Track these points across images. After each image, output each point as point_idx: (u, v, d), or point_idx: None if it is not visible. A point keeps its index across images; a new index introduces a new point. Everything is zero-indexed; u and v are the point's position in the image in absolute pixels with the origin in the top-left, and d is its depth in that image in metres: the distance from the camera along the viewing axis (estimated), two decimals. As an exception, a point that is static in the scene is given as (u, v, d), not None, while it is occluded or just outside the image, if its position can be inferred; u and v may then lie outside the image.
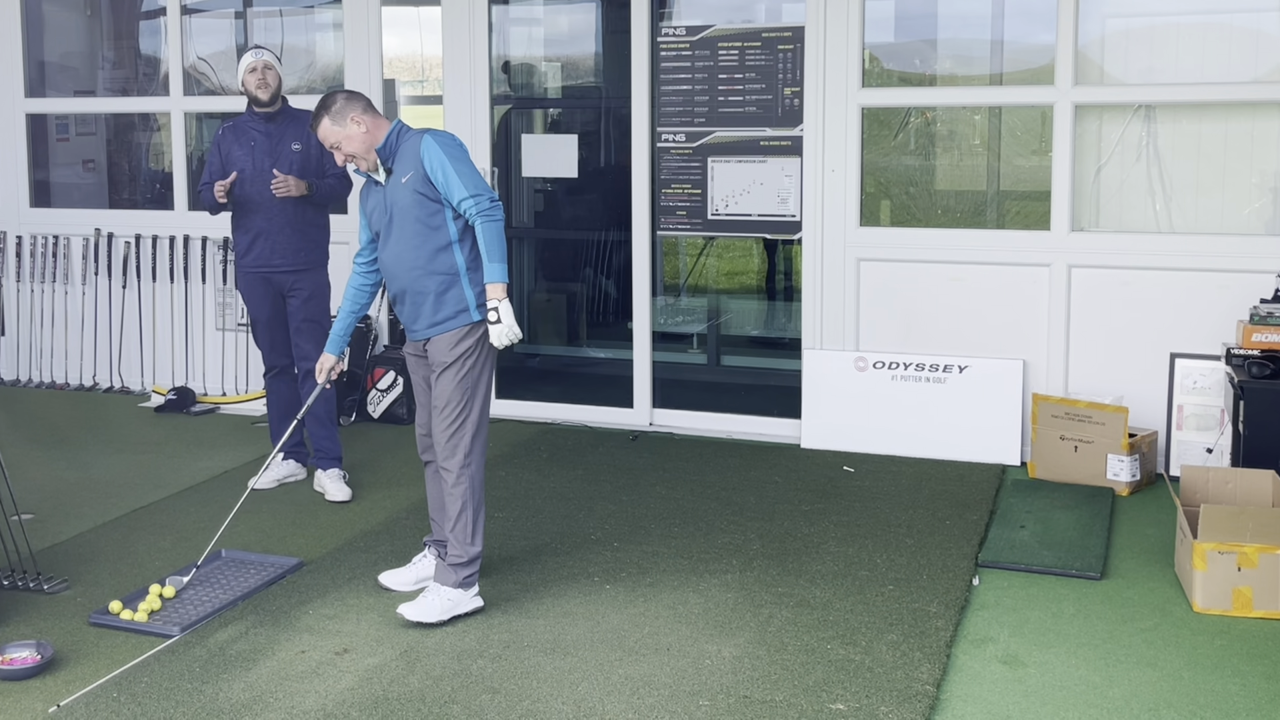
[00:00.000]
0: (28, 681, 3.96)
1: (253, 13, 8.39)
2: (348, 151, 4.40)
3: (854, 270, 6.45)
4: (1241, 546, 4.37)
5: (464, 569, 4.36)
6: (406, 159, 4.37)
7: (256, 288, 5.76)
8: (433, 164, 4.31)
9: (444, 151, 4.32)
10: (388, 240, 4.45)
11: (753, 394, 7.35)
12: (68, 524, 5.43)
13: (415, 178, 4.34)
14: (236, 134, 5.74)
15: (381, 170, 4.45)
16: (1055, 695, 3.82)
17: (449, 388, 4.38)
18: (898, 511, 5.47)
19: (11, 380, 8.11)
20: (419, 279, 4.38)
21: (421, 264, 4.37)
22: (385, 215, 4.44)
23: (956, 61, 6.87)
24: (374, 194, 4.51)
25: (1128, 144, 6.19)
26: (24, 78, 7.99)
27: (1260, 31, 6.01)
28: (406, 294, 4.43)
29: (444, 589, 4.35)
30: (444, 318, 4.39)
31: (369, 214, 4.54)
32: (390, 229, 4.42)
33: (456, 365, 4.37)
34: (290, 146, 5.70)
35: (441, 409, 4.39)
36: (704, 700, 3.78)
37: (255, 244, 5.71)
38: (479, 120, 7.03)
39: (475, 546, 4.38)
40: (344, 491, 5.72)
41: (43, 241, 8.00)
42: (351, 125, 4.37)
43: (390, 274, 4.47)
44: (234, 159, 5.69)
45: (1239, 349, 5.42)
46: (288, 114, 5.77)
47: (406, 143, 4.40)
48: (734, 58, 6.56)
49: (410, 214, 4.36)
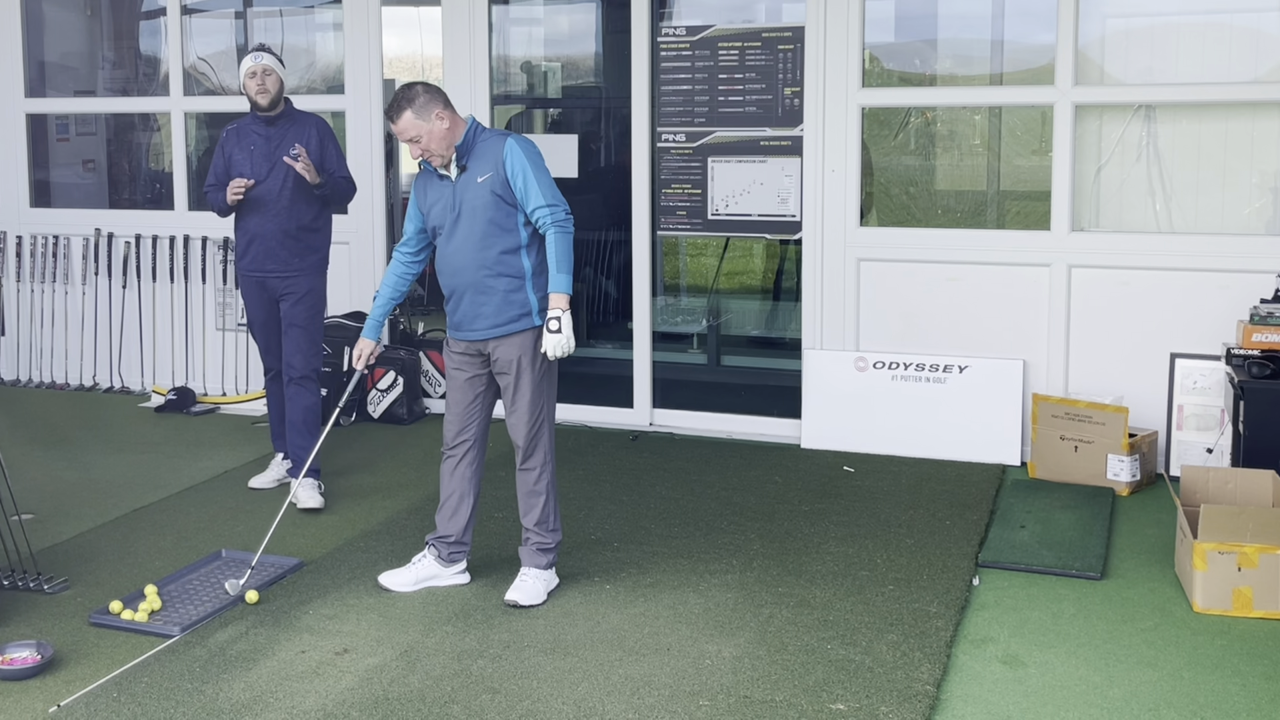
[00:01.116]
0: (28, 681, 3.96)
1: (253, 13, 8.39)
2: (426, 146, 4.40)
3: (854, 270, 6.45)
4: (1241, 546, 4.37)
5: (551, 553, 4.60)
6: (485, 159, 4.41)
7: (252, 290, 5.73)
8: (514, 168, 4.37)
9: (526, 158, 4.39)
10: (452, 236, 4.47)
11: (753, 394, 7.35)
12: (68, 524, 5.43)
13: (494, 179, 4.39)
14: (238, 136, 5.68)
15: (454, 167, 4.46)
16: (1055, 695, 3.82)
17: (529, 392, 4.49)
18: (898, 511, 5.47)
19: (11, 380, 8.11)
20: (486, 278, 4.43)
21: (489, 264, 4.42)
22: (452, 212, 4.46)
23: (956, 61, 6.88)
24: (437, 188, 4.51)
25: (1128, 144, 6.19)
26: (24, 78, 7.99)
27: (1260, 31, 6.01)
28: (468, 292, 4.46)
29: (539, 572, 4.58)
30: (508, 320, 4.45)
31: (428, 208, 4.54)
32: (457, 226, 4.45)
33: (533, 369, 4.48)
34: (291, 150, 5.61)
35: (523, 411, 4.50)
36: (704, 700, 3.78)
37: (251, 247, 5.66)
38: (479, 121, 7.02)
39: (558, 533, 4.64)
40: (316, 499, 5.59)
41: (43, 241, 8.00)
42: (435, 120, 4.38)
43: (451, 270, 4.49)
44: (235, 162, 5.64)
45: (1239, 349, 5.42)
46: (289, 116, 5.68)
47: (485, 142, 4.45)
48: (734, 58, 6.57)
49: (484, 214, 4.40)
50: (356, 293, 7.42)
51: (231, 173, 5.63)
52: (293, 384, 5.68)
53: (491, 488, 5.75)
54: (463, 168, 4.45)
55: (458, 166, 4.46)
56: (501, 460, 6.22)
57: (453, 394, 4.63)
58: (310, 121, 5.71)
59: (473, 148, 4.44)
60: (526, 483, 4.59)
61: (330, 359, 7.09)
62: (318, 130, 5.69)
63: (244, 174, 5.59)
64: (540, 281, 4.47)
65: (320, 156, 5.65)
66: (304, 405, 5.68)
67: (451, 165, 4.46)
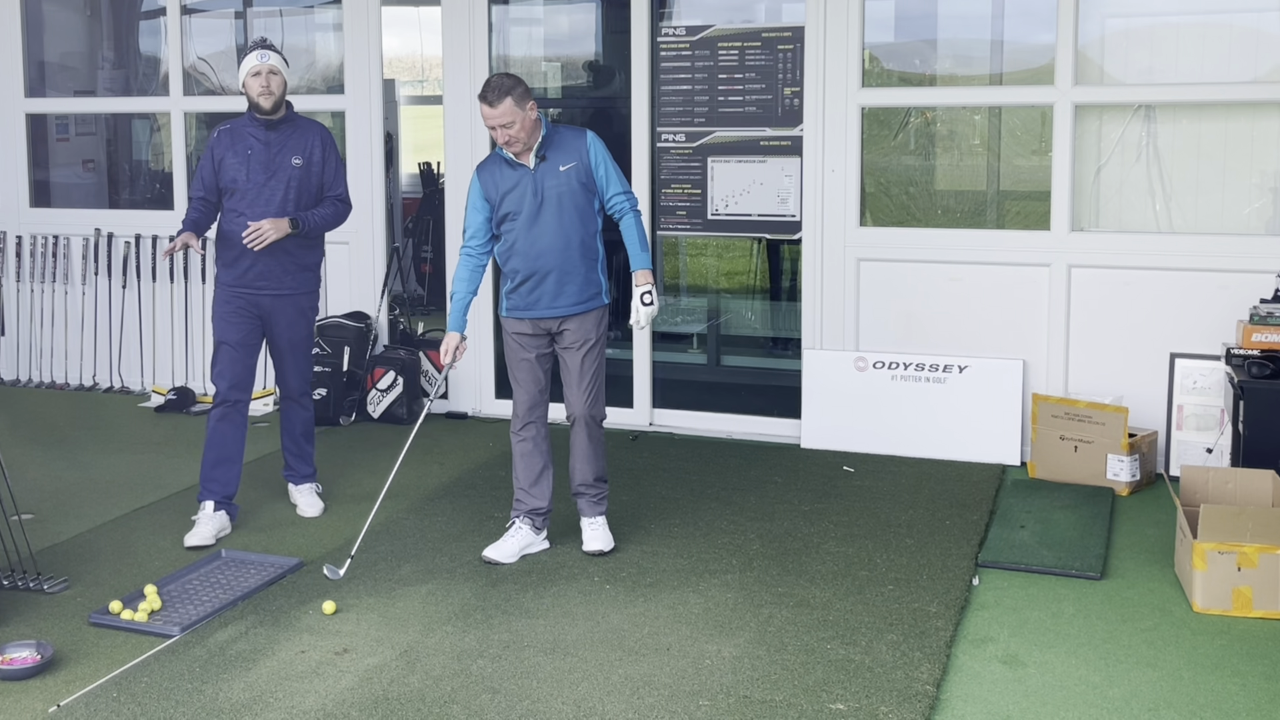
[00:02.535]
0: (28, 681, 3.96)
1: (253, 13, 8.40)
2: (516, 134, 4.70)
3: (854, 270, 6.45)
4: (1241, 546, 4.37)
5: (606, 500, 5.09)
6: (567, 150, 4.81)
7: (238, 308, 5.24)
8: (597, 159, 4.83)
9: (605, 151, 4.88)
10: (535, 222, 4.79)
11: (753, 394, 7.35)
12: (68, 524, 5.43)
13: (578, 168, 4.80)
14: (233, 140, 5.21)
15: (532, 157, 4.76)
16: (1055, 695, 3.82)
17: (595, 361, 4.92)
18: (898, 511, 5.47)
19: (11, 380, 8.11)
20: (572, 260, 4.82)
21: (576, 246, 4.82)
22: (534, 199, 4.78)
23: (956, 61, 6.88)
24: (510, 177, 4.80)
25: (1128, 144, 6.19)
26: (24, 78, 8.00)
27: (1260, 31, 6.01)
28: (552, 273, 4.81)
29: (604, 519, 5.04)
30: (588, 297, 4.88)
31: (499, 196, 4.80)
32: (540, 212, 4.78)
33: (600, 342, 4.93)
34: (290, 160, 5.21)
35: (588, 378, 4.91)
36: (704, 700, 3.78)
37: (238, 262, 5.21)
38: (479, 120, 7.02)
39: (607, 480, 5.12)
40: (317, 506, 5.55)
41: (43, 241, 8.00)
42: (529, 111, 4.71)
43: (536, 253, 4.80)
44: (227, 167, 5.19)
45: (1239, 349, 5.42)
46: (291, 122, 5.26)
47: (563, 136, 4.84)
48: (734, 58, 6.57)
49: (571, 201, 4.80)
50: (356, 293, 7.42)
51: (222, 179, 5.21)
52: (292, 402, 5.49)
53: (489, 488, 5.76)
54: (542, 158, 4.78)
55: (536, 157, 4.78)
56: (501, 460, 6.22)
57: (522, 374, 4.94)
58: (314, 130, 5.32)
59: (553, 140, 4.81)
60: (589, 445, 4.96)
61: (330, 359, 7.10)
62: (321, 140, 5.31)
63: (238, 181, 5.18)
64: (605, 264, 4.94)
65: (320, 170, 5.30)
66: (304, 419, 5.54)
67: (530, 155, 4.76)
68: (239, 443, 5.33)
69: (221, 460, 5.29)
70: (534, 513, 4.97)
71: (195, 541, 5.13)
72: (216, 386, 5.31)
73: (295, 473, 5.61)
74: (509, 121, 4.65)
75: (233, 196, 5.22)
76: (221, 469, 5.29)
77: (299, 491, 5.61)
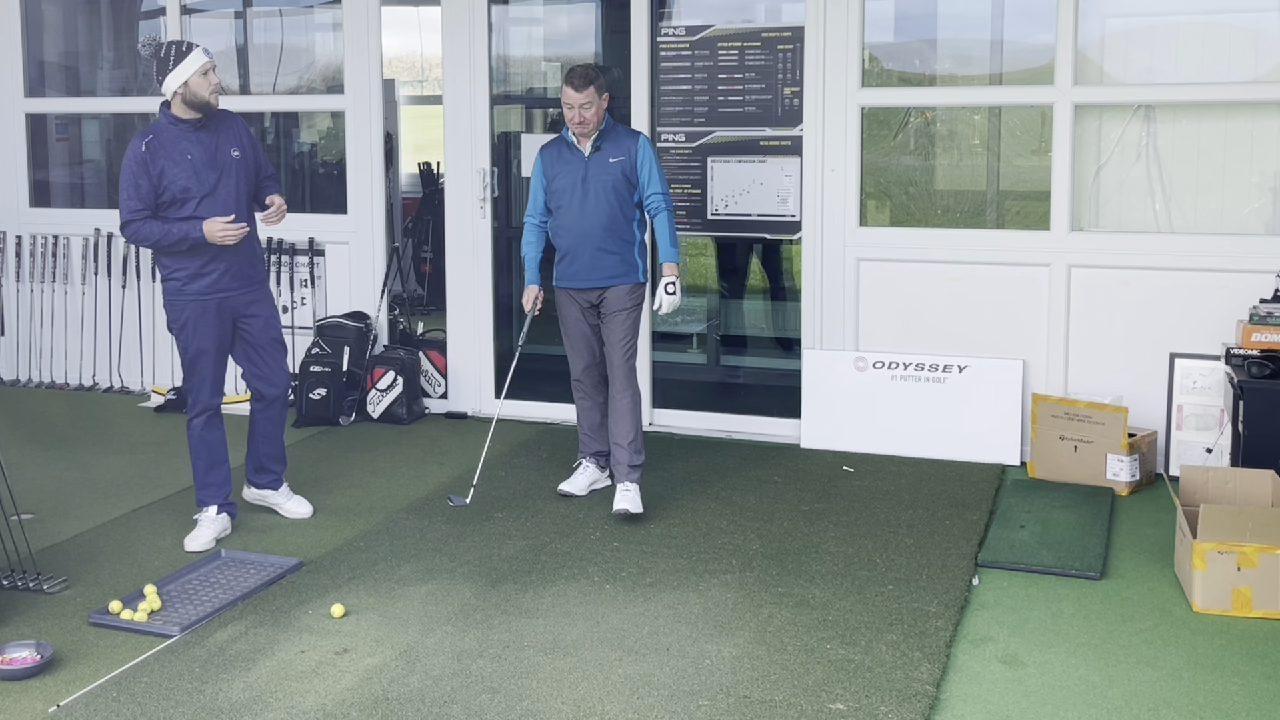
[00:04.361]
0: (28, 681, 3.96)
1: (253, 13, 8.39)
2: (589, 116, 5.34)
3: (854, 270, 6.45)
4: (1241, 546, 4.37)
5: (640, 469, 5.55)
6: (620, 145, 5.44)
7: (209, 316, 5.13)
8: (643, 158, 5.44)
9: (653, 153, 5.49)
10: (581, 203, 5.43)
11: (753, 394, 7.35)
12: (68, 524, 5.43)
13: (625, 163, 5.42)
14: (164, 148, 5.00)
15: (589, 144, 5.41)
16: (1055, 695, 3.82)
17: (630, 326, 5.54)
18: (898, 511, 5.47)
19: (11, 380, 8.11)
20: (611, 239, 5.45)
21: (616, 229, 5.45)
22: (582, 183, 5.43)
23: (956, 61, 6.87)
24: (567, 160, 5.47)
25: (1127, 144, 6.19)
26: (24, 78, 8.00)
27: (1260, 31, 6.01)
28: (589, 250, 5.45)
29: (636, 485, 5.47)
30: (622, 273, 5.50)
31: (553, 175, 5.49)
32: (586, 195, 5.42)
33: (635, 310, 5.54)
34: (230, 154, 5.11)
35: (623, 342, 5.52)
36: (704, 700, 3.78)
37: (207, 268, 5.08)
38: (479, 120, 7.03)
39: (643, 453, 5.59)
40: (307, 505, 5.51)
41: (42, 241, 8.01)
42: (603, 101, 5.39)
43: (579, 231, 5.44)
44: (171, 178, 4.99)
45: (1239, 349, 5.42)
46: (212, 117, 5.11)
47: (619, 133, 5.48)
48: (734, 58, 6.57)
49: (614, 189, 5.42)
50: (356, 293, 7.42)
51: (168, 192, 5.00)
52: (276, 403, 5.39)
53: (489, 488, 5.76)
54: (597, 148, 5.42)
55: (593, 146, 5.42)
56: (501, 460, 6.22)
57: (572, 331, 5.63)
58: (236, 121, 5.23)
59: (609, 135, 5.45)
60: (623, 406, 5.53)
61: (330, 359, 7.10)
62: (242, 128, 5.23)
63: (189, 190, 5.01)
64: (642, 249, 5.54)
65: (253, 155, 5.24)
66: (283, 418, 5.48)
67: (588, 142, 5.40)
68: (225, 445, 5.33)
69: (214, 464, 5.28)
70: (597, 455, 5.77)
71: (196, 546, 5.12)
72: (197, 395, 5.23)
73: (274, 476, 5.52)
74: (588, 103, 5.30)
75: (184, 206, 5.03)
76: (215, 472, 5.28)
77: (281, 495, 5.53)
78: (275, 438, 5.47)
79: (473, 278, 7.14)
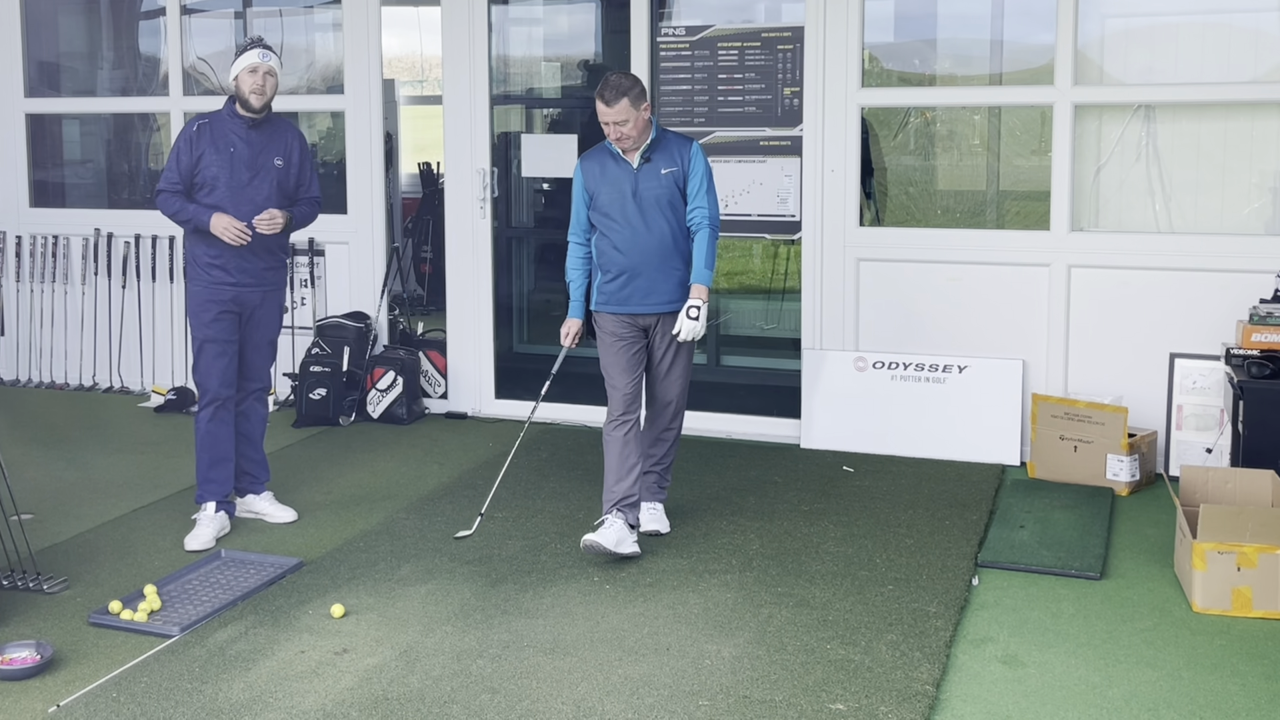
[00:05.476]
0: (28, 681, 3.96)
1: (253, 13, 8.39)
2: (628, 132, 4.81)
3: (854, 270, 6.45)
4: (1241, 546, 4.37)
5: (667, 489, 5.28)
6: (671, 155, 4.91)
7: (224, 308, 5.20)
8: (695, 168, 4.92)
9: (706, 163, 4.96)
10: (635, 219, 4.90)
11: (753, 394, 7.35)
12: (68, 524, 5.43)
13: (678, 174, 4.91)
14: (214, 136, 5.15)
15: (638, 156, 4.89)
16: (1055, 695, 3.82)
17: (686, 359, 5.08)
18: (898, 511, 5.47)
19: (11, 380, 8.11)
20: (670, 258, 4.92)
21: (672, 246, 4.93)
22: (632, 197, 4.90)
23: (956, 61, 6.88)
24: (613, 172, 4.93)
25: (1127, 144, 6.19)
26: (24, 78, 8.00)
27: (1260, 31, 6.01)
28: (646, 271, 4.91)
29: (661, 505, 5.22)
30: (679, 297, 4.94)
31: (597, 190, 4.94)
32: (640, 210, 4.89)
33: (692, 342, 4.98)
34: (273, 161, 5.22)
35: (679, 375, 5.08)
36: (704, 700, 3.78)
37: (224, 258, 5.16)
38: (478, 120, 7.03)
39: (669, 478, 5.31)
40: (289, 512, 5.48)
41: (43, 241, 8.01)
42: (644, 112, 4.84)
43: (635, 249, 4.91)
44: (208, 163, 5.12)
45: (1239, 349, 5.42)
46: (272, 122, 5.27)
47: (669, 141, 4.95)
48: (734, 58, 6.57)
49: (670, 203, 4.90)
50: (356, 293, 7.42)
51: (199, 174, 5.14)
52: (253, 397, 5.39)
53: (489, 488, 5.76)
54: (647, 159, 4.90)
55: (642, 157, 4.90)
56: (501, 460, 6.22)
57: (619, 363, 4.99)
58: (291, 132, 5.34)
59: (659, 144, 4.92)
60: (668, 434, 5.17)
61: (330, 359, 7.10)
62: (298, 142, 5.33)
63: (220, 179, 5.13)
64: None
65: (297, 171, 5.32)
66: (263, 417, 5.47)
67: (636, 155, 4.89)
68: (231, 441, 5.32)
69: (217, 460, 5.28)
70: (628, 504, 4.93)
71: (196, 545, 5.12)
72: (205, 385, 5.24)
73: (257, 480, 5.50)
74: (623, 119, 4.77)
75: (210, 193, 5.14)
76: (218, 469, 5.28)
77: (262, 500, 5.49)
78: (255, 438, 5.45)
79: (473, 278, 7.14)
